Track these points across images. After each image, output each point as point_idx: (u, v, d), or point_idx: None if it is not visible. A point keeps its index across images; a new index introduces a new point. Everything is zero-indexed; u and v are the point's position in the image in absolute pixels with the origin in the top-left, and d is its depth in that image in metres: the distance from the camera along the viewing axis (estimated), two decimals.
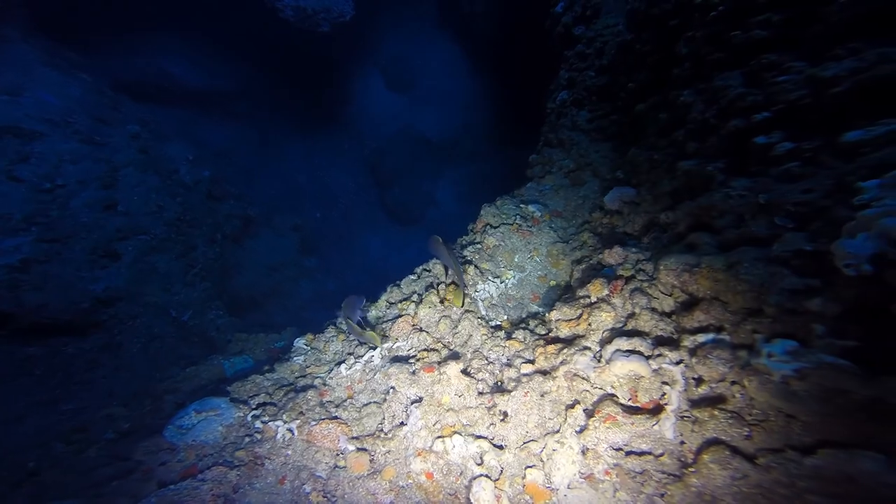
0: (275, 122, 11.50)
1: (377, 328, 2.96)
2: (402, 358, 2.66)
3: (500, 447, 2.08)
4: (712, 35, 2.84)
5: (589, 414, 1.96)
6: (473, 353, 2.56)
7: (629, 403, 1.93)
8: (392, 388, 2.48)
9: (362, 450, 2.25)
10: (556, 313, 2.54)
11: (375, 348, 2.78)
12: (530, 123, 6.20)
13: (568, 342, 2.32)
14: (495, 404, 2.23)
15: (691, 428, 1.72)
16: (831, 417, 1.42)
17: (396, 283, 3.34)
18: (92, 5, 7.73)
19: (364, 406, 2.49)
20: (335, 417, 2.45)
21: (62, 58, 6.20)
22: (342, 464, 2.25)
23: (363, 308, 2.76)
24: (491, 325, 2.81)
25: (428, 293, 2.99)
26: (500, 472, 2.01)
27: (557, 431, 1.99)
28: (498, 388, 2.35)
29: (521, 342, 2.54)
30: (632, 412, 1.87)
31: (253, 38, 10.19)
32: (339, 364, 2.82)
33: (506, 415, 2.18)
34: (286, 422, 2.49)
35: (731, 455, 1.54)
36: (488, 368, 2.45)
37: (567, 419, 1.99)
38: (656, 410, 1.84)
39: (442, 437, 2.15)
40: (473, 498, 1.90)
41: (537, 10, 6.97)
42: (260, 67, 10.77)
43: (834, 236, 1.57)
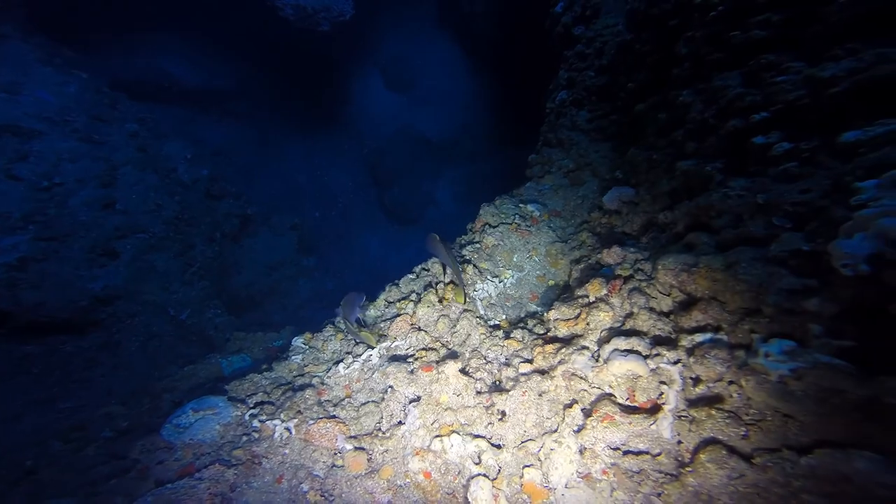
0: (274, 122, 11.48)
1: (375, 327, 2.95)
2: (401, 357, 2.66)
3: (497, 446, 2.08)
4: (712, 35, 2.84)
5: (587, 413, 1.96)
6: (472, 353, 2.56)
7: (627, 403, 1.93)
8: (390, 387, 2.48)
9: (360, 449, 2.25)
10: (554, 313, 2.54)
11: (373, 347, 2.77)
12: (530, 123, 6.20)
13: (566, 342, 2.32)
14: (493, 403, 2.23)
15: (688, 427, 1.72)
16: (827, 417, 1.42)
17: (395, 282, 3.33)
18: (90, 4, 7.71)
19: (362, 405, 2.48)
20: (333, 416, 2.44)
21: (60, 56, 6.19)
22: (340, 463, 2.25)
23: (362, 306, 2.76)
24: (489, 324, 2.81)
25: (426, 292, 2.98)
26: (498, 471, 2.01)
27: (555, 431, 1.99)
28: (496, 387, 2.35)
29: (520, 341, 2.54)
30: (629, 412, 1.87)
31: (252, 37, 10.17)
32: (337, 363, 2.81)
33: (504, 414, 2.18)
34: (284, 421, 2.48)
35: (728, 455, 1.54)
36: (486, 368, 2.45)
37: (565, 419, 1.99)
38: (654, 410, 1.85)
39: (440, 436, 2.15)
40: (471, 497, 1.90)
41: (537, 10, 6.97)
42: (259, 66, 10.75)
43: (831, 236, 1.57)
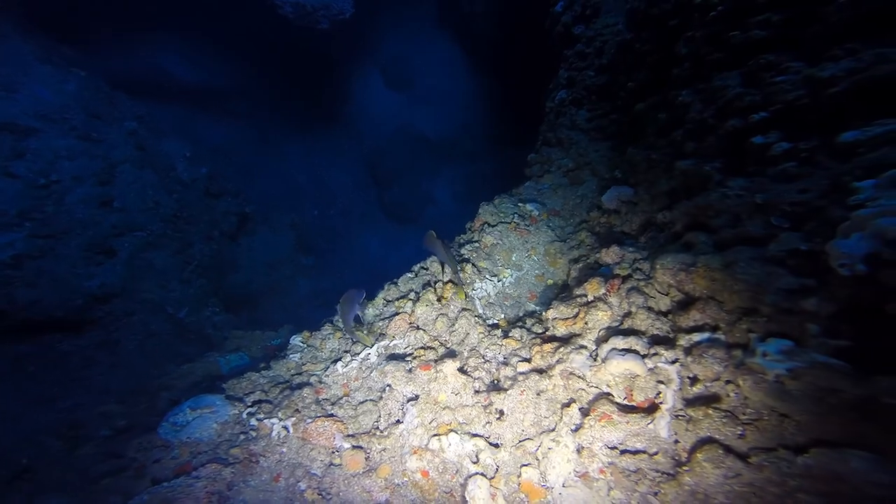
0: (273, 120, 11.44)
1: (373, 326, 2.95)
2: (399, 356, 2.65)
3: (495, 445, 2.08)
4: (712, 35, 2.84)
5: (584, 412, 1.96)
6: (470, 352, 2.56)
7: (625, 402, 1.94)
8: (388, 385, 2.48)
9: (358, 447, 2.25)
10: (552, 312, 2.54)
11: (371, 346, 2.77)
12: (529, 123, 6.19)
13: (564, 341, 2.32)
14: (491, 402, 2.23)
15: (686, 427, 1.72)
16: (823, 417, 1.43)
17: (394, 280, 3.33)
18: (89, 3, 7.67)
19: (360, 404, 2.48)
20: (331, 415, 2.44)
21: (58, 54, 6.15)
22: (337, 461, 2.24)
23: (361, 303, 2.75)
24: (488, 323, 2.81)
25: (425, 291, 2.98)
26: (496, 470, 2.01)
27: (553, 430, 1.99)
28: (494, 386, 2.34)
29: (518, 341, 2.54)
30: (627, 411, 1.87)
31: (252, 35, 10.13)
32: (335, 362, 2.81)
33: (502, 413, 2.18)
34: (282, 419, 2.48)
35: (725, 454, 1.54)
36: (485, 367, 2.44)
37: (563, 418, 1.99)
38: (651, 409, 1.85)
39: (438, 435, 2.15)
40: (469, 496, 1.90)
41: (537, 9, 6.96)
42: (258, 65, 10.71)
43: (829, 236, 1.57)
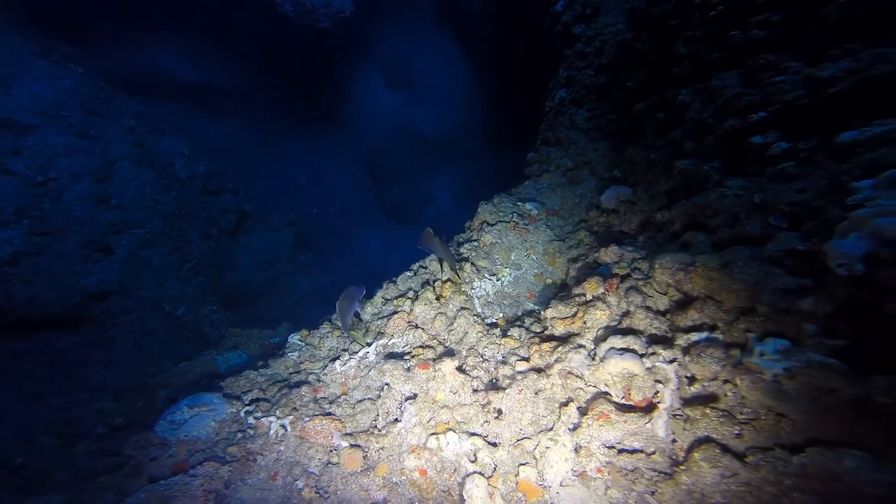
0: (272, 119, 11.41)
1: (371, 325, 2.94)
2: (398, 354, 2.65)
3: (493, 444, 2.08)
4: (711, 35, 2.84)
5: (582, 412, 1.96)
6: (469, 351, 2.56)
7: (622, 401, 1.94)
8: (387, 384, 2.47)
9: (356, 446, 2.24)
10: (551, 311, 2.54)
11: (370, 344, 2.77)
12: (529, 122, 6.20)
13: (563, 340, 2.32)
14: (490, 401, 2.23)
15: (683, 426, 1.73)
16: (820, 416, 1.43)
17: (393, 279, 3.33)
18: (89, 1, 7.63)
19: (358, 402, 2.48)
20: (329, 413, 2.44)
21: (56, 50, 6.11)
22: (335, 460, 2.24)
23: (360, 301, 2.74)
24: (487, 322, 2.81)
25: (424, 290, 2.98)
26: (494, 469, 2.01)
27: (551, 429, 1.99)
28: (493, 385, 2.34)
29: (517, 340, 2.54)
30: (625, 410, 1.87)
31: (251, 34, 10.10)
32: (333, 360, 2.80)
33: (500, 412, 2.18)
34: (279, 418, 2.47)
35: (722, 453, 1.54)
36: (483, 366, 2.44)
37: (561, 417, 1.99)
38: (649, 409, 1.85)
39: (436, 433, 2.15)
40: (467, 495, 1.90)
41: (537, 8, 6.96)
42: (258, 63, 10.68)
43: (827, 236, 1.57)
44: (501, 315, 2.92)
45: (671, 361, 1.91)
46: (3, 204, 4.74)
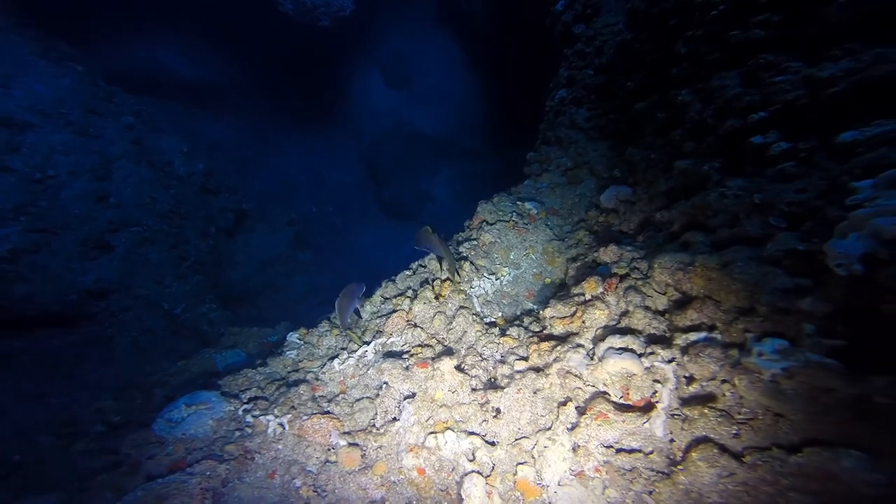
0: (272, 117, 11.40)
1: (370, 323, 2.94)
2: (396, 353, 2.65)
3: (492, 444, 2.08)
4: (712, 34, 2.84)
5: (581, 411, 1.96)
6: (467, 350, 2.56)
7: (621, 401, 1.94)
8: (385, 383, 2.47)
9: (354, 445, 2.24)
10: (550, 310, 2.53)
11: (369, 343, 2.76)
12: (529, 121, 6.19)
13: (561, 339, 2.31)
14: (488, 401, 2.23)
15: (681, 426, 1.73)
16: (817, 416, 1.43)
17: (391, 278, 3.32)
18: None
19: (356, 401, 2.47)
20: (327, 412, 2.43)
21: (55, 49, 6.09)
22: (333, 458, 2.24)
23: (360, 298, 2.73)
24: (485, 321, 2.80)
25: (423, 289, 2.97)
26: (492, 468, 2.00)
27: (549, 428, 1.99)
28: (491, 384, 2.34)
29: (516, 339, 2.54)
30: (623, 410, 1.87)
31: (251, 32, 10.08)
32: (332, 359, 2.80)
33: (498, 411, 2.18)
34: (277, 416, 2.47)
35: (719, 453, 1.54)
36: (482, 365, 2.44)
37: (559, 416, 1.99)
38: (647, 408, 1.85)
39: (434, 432, 2.15)
40: (465, 494, 1.90)
41: (537, 8, 6.95)
42: (258, 61, 10.66)
43: (826, 236, 1.57)
44: (500, 314, 2.92)
45: (670, 361, 1.91)
46: (1, 201, 4.72)
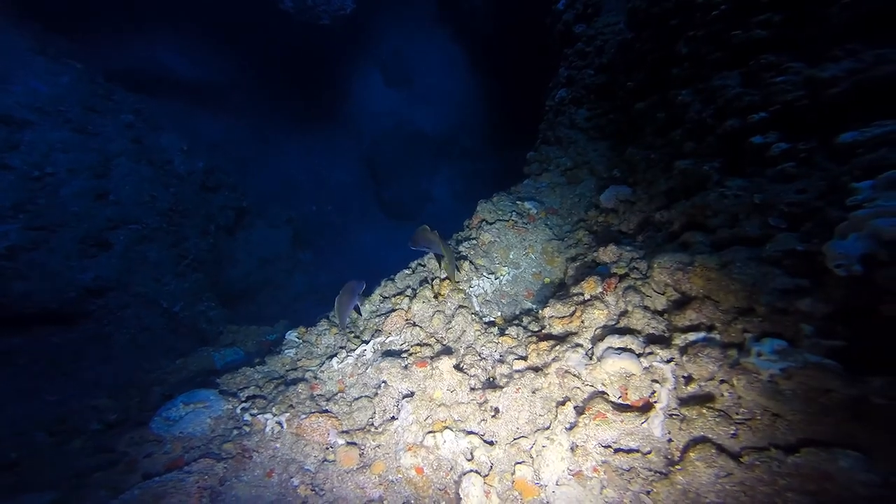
0: (272, 116, 11.39)
1: (369, 322, 2.93)
2: (395, 352, 2.64)
3: (490, 443, 2.08)
4: (713, 34, 2.84)
5: (579, 411, 1.95)
6: (466, 349, 2.55)
7: (619, 401, 1.93)
8: (384, 382, 2.47)
9: (352, 444, 2.24)
10: (549, 310, 2.53)
11: (368, 342, 2.76)
12: (529, 121, 6.19)
13: (560, 339, 2.31)
14: (487, 400, 2.22)
15: (679, 426, 1.72)
16: (815, 416, 1.43)
17: (391, 277, 3.32)
18: None
19: (355, 400, 2.47)
20: (325, 411, 2.43)
21: (54, 46, 6.07)
22: (331, 457, 2.23)
23: (360, 295, 2.72)
24: (485, 320, 2.80)
25: (422, 288, 2.97)
26: (490, 467, 2.00)
27: (548, 428, 1.99)
28: (490, 383, 2.34)
29: (514, 338, 2.53)
30: (621, 410, 1.87)
31: (252, 30, 10.07)
32: (330, 358, 2.79)
33: (497, 411, 2.17)
34: (276, 415, 2.46)
35: (717, 453, 1.54)
36: (481, 364, 2.44)
37: (557, 416, 1.99)
38: (646, 408, 1.85)
39: (433, 432, 2.14)
40: (463, 493, 1.90)
41: (537, 7, 6.95)
42: (258, 60, 10.65)
43: (826, 237, 1.57)
44: (499, 314, 2.92)
45: (668, 361, 1.91)
46: None
